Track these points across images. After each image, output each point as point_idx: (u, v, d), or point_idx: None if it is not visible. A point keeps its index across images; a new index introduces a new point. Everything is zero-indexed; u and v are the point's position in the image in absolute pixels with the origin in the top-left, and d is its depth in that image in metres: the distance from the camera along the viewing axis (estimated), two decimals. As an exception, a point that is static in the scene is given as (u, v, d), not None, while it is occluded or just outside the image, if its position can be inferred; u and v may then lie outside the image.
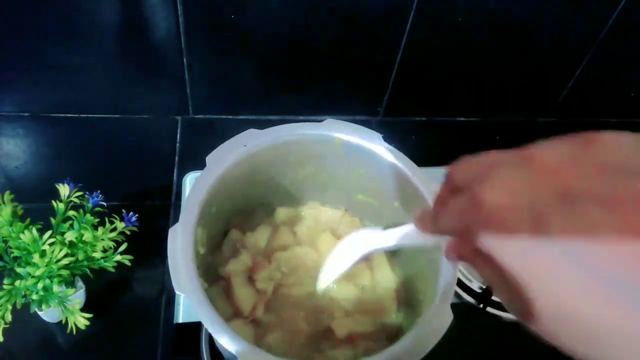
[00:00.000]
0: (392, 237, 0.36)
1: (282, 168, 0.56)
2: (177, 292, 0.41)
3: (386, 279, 0.56)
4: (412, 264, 0.56)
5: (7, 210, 0.49)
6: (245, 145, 0.51)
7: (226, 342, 0.39)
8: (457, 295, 0.67)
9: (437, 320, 0.42)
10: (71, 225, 0.52)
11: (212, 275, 0.53)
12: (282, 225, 0.59)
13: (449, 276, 0.45)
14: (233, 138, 0.51)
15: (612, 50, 0.83)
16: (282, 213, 0.61)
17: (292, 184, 0.60)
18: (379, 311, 0.54)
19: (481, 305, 0.66)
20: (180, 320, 0.60)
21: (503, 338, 0.65)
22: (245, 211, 0.59)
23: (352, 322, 0.52)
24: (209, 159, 0.49)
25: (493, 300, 0.66)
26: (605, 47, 0.82)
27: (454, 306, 0.43)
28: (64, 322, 0.50)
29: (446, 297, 0.44)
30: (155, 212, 0.46)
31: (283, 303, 0.53)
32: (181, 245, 0.43)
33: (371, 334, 0.52)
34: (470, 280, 0.68)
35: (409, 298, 0.56)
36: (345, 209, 0.63)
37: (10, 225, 0.49)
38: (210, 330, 0.40)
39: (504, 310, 0.66)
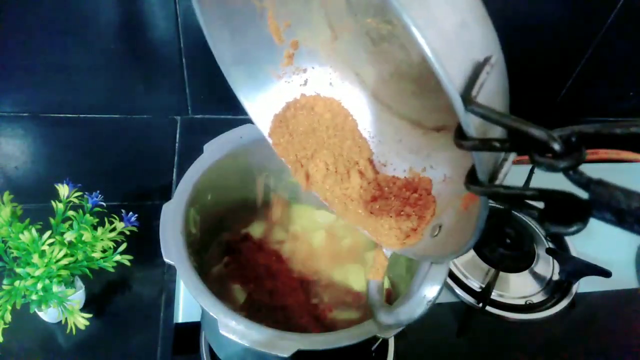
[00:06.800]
0: None
1: (277, 168, 0.57)
2: (165, 259, 0.43)
3: None
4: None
5: (7, 210, 0.49)
6: (241, 137, 0.53)
7: (208, 306, 0.40)
8: (455, 294, 0.67)
9: (408, 307, 0.42)
10: (70, 226, 0.52)
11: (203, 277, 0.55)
12: (277, 224, 0.60)
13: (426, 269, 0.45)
14: (231, 130, 0.54)
15: (610, 49, 0.83)
16: (277, 213, 0.61)
17: (287, 186, 0.60)
18: (367, 308, 0.55)
19: (480, 305, 0.66)
20: (180, 320, 0.60)
21: (502, 337, 0.65)
22: (240, 212, 0.60)
23: (336, 311, 0.53)
24: (206, 146, 0.52)
25: (492, 299, 0.67)
26: (604, 46, 0.82)
27: (452, 305, 0.43)
28: (63, 322, 0.50)
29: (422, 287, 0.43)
30: (155, 212, 0.46)
31: (274, 291, 0.54)
32: (172, 217, 0.46)
33: (354, 321, 0.53)
34: (469, 279, 0.69)
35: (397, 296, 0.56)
36: None
37: (10, 225, 0.49)
38: (193, 294, 0.41)
39: (504, 309, 0.66)
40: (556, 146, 0.21)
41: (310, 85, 0.46)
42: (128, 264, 0.53)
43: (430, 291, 0.41)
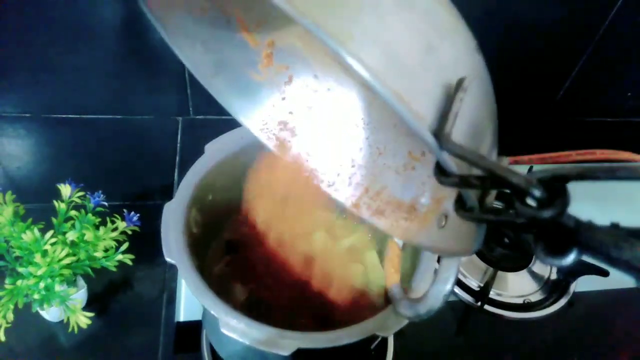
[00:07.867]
0: None
1: None
2: (166, 259, 0.43)
3: (378, 277, 0.57)
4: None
5: (9, 210, 0.50)
6: (242, 138, 0.53)
7: (209, 305, 0.41)
8: (454, 293, 0.68)
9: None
10: (73, 225, 0.52)
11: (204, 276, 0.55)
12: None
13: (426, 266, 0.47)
14: (232, 131, 0.54)
15: (608, 49, 0.84)
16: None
17: None
18: (366, 306, 0.55)
19: (479, 304, 0.66)
20: (181, 319, 0.61)
21: (500, 336, 0.66)
22: (241, 212, 0.60)
23: (335, 310, 0.53)
24: (207, 146, 0.52)
25: (490, 299, 0.67)
26: (602, 46, 0.82)
27: (451, 304, 0.44)
28: (65, 321, 0.51)
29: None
30: (157, 211, 0.47)
31: (274, 290, 0.55)
32: (174, 217, 0.46)
33: (354, 320, 0.53)
34: (467, 278, 0.69)
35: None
36: (339, 211, 0.64)
37: (12, 225, 0.49)
38: (194, 293, 0.42)
39: (502, 308, 0.67)
40: (537, 193, 0.20)
41: (295, 82, 0.45)
42: (130, 263, 0.53)
43: (445, 285, 0.41)
